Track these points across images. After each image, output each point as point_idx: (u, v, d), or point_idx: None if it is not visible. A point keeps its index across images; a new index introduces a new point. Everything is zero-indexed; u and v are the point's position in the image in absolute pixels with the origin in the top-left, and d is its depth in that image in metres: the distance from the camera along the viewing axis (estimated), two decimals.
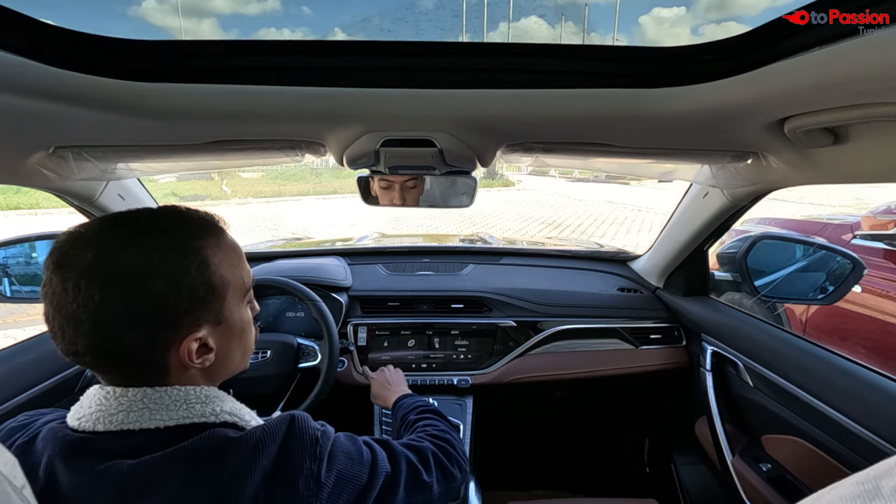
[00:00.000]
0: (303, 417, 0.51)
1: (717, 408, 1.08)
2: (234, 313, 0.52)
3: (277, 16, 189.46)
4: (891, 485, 0.18)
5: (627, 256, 1.56)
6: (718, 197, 1.02)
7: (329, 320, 1.10)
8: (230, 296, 0.51)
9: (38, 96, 0.48)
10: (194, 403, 0.48)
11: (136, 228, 0.46)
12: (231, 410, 0.50)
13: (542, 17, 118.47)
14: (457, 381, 1.20)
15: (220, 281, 0.49)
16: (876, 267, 2.07)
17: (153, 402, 0.46)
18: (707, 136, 0.65)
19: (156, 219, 0.49)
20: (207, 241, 0.49)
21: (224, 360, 0.52)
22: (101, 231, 0.46)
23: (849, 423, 0.75)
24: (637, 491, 1.55)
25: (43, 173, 0.74)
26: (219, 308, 0.49)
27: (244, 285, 0.53)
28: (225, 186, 13.36)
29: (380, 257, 1.55)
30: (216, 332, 0.50)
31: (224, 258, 0.50)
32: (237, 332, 0.53)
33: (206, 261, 0.48)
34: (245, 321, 0.54)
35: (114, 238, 0.45)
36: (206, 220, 0.51)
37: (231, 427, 0.48)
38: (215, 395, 0.50)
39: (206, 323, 0.48)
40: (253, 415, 0.54)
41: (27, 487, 0.33)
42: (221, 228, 0.53)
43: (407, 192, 0.93)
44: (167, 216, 0.50)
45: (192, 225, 0.49)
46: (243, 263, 0.54)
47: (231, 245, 0.53)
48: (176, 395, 0.47)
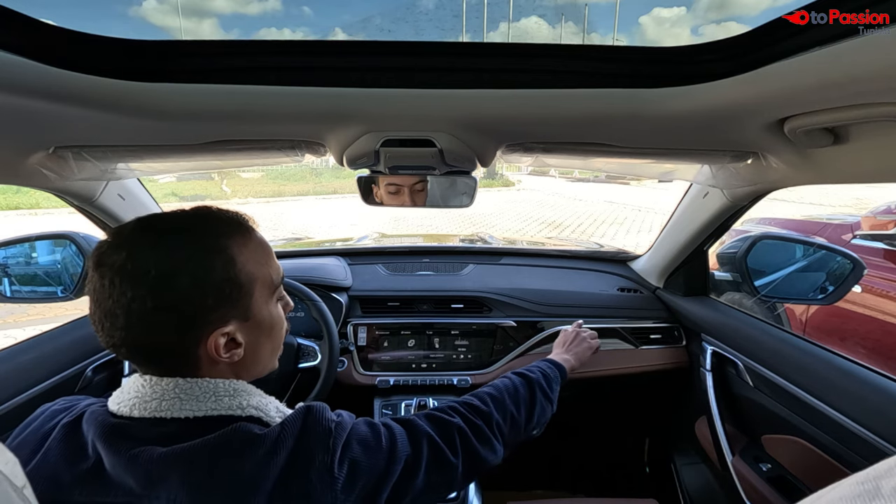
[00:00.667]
0: (320, 409, 0.52)
1: (717, 408, 1.08)
2: (262, 310, 0.53)
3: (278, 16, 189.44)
4: (891, 485, 0.18)
5: (627, 256, 1.56)
6: (718, 197, 1.02)
7: (329, 320, 1.10)
8: (258, 292, 0.52)
9: (38, 96, 0.48)
10: (223, 396, 0.50)
11: (163, 229, 0.49)
12: (258, 405, 0.51)
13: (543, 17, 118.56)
14: (457, 381, 1.20)
15: (246, 278, 0.50)
16: (876, 267, 2.07)
17: (184, 393, 0.48)
18: (707, 136, 0.65)
19: (184, 219, 0.51)
20: (234, 239, 0.51)
21: (253, 356, 0.54)
22: (134, 232, 0.49)
23: (849, 423, 0.75)
24: (637, 491, 1.55)
25: (43, 173, 0.74)
26: (246, 304, 0.51)
27: (272, 282, 0.55)
28: (225, 186, 13.36)
29: (380, 257, 1.55)
30: (244, 327, 0.51)
31: (251, 256, 0.52)
32: (266, 327, 0.54)
33: (231, 259, 0.49)
34: (274, 317, 0.56)
35: (143, 238, 0.48)
36: (233, 219, 0.53)
37: (256, 422, 0.50)
38: (243, 388, 0.52)
39: (234, 319, 0.50)
40: (281, 408, 0.55)
41: (28, 487, 0.33)
42: (249, 227, 0.54)
43: (416, 195, 0.93)
44: (195, 217, 0.52)
45: (218, 224, 0.51)
46: (271, 261, 0.56)
47: (259, 243, 0.54)
48: (205, 387, 0.49)
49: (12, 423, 0.84)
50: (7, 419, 0.82)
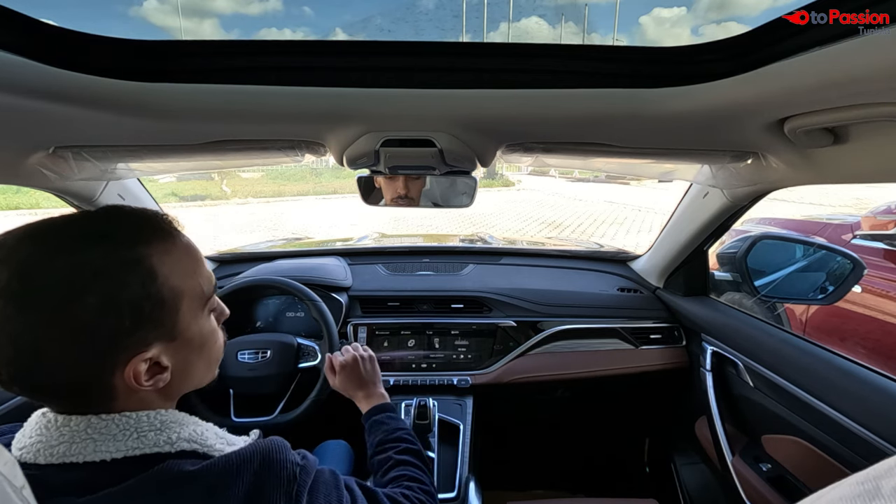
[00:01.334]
0: (279, 449, 0.45)
1: (717, 408, 1.08)
2: (191, 326, 0.46)
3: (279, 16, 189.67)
4: (891, 485, 0.18)
5: (627, 256, 1.56)
6: (718, 197, 1.02)
7: (329, 320, 1.10)
8: (185, 307, 0.45)
9: (38, 96, 0.48)
10: (146, 432, 0.42)
11: (63, 238, 0.40)
12: (190, 437, 0.44)
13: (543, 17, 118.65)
14: (457, 381, 1.20)
15: (170, 293, 0.43)
16: (876, 267, 2.07)
17: (98, 433, 0.41)
18: (707, 136, 0.65)
19: (90, 224, 0.42)
20: (154, 247, 0.43)
21: (184, 375, 0.47)
22: (24, 242, 0.39)
23: (849, 423, 0.74)
24: (637, 491, 1.55)
25: (43, 173, 0.74)
26: (172, 322, 0.44)
27: (202, 293, 0.48)
28: (225, 186, 13.36)
29: (380, 257, 1.55)
30: (171, 348, 0.44)
31: (176, 266, 0.44)
32: (196, 345, 0.47)
33: (152, 271, 0.42)
34: (206, 333, 0.49)
35: (37, 250, 0.38)
36: (153, 222, 0.45)
37: (190, 457, 0.42)
38: (172, 419, 0.44)
39: (157, 340, 0.43)
40: (223, 437, 0.47)
41: (27, 488, 0.33)
42: (173, 230, 0.47)
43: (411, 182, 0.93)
44: (104, 220, 0.43)
45: (135, 229, 0.43)
46: (201, 269, 0.48)
47: (185, 249, 0.47)
48: (125, 424, 0.42)
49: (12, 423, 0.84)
50: (7, 419, 0.82)
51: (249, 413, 1.05)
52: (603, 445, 1.64)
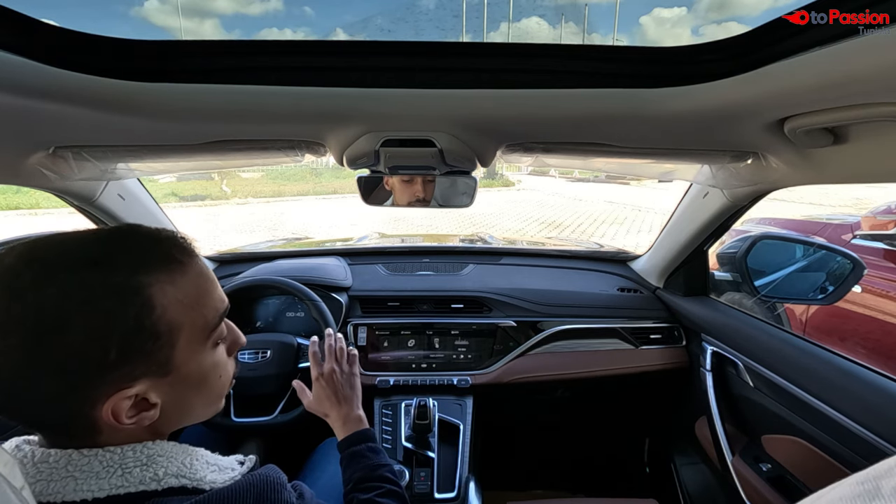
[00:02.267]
0: (275, 487, 0.43)
1: (717, 408, 1.08)
2: (189, 361, 0.42)
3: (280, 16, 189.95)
4: (891, 485, 0.18)
5: (627, 256, 1.56)
6: (718, 197, 1.02)
7: (329, 320, 1.10)
8: (183, 341, 0.41)
9: (38, 96, 0.48)
10: (132, 468, 0.39)
11: (57, 263, 0.37)
12: (178, 471, 0.41)
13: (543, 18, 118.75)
14: (457, 381, 1.20)
15: (167, 326, 0.40)
16: (876, 267, 2.07)
17: (79, 470, 0.38)
18: (707, 136, 0.65)
19: (93, 246, 0.39)
20: (156, 276, 0.40)
21: (177, 412, 0.44)
22: (16, 265, 0.37)
23: (849, 423, 0.74)
24: (637, 491, 1.55)
25: (43, 173, 0.74)
26: (165, 357, 0.40)
27: (206, 325, 0.44)
28: (225, 186, 13.36)
29: (380, 257, 1.55)
30: (162, 384, 0.41)
31: (179, 296, 0.41)
32: (194, 381, 0.44)
33: (149, 303, 0.39)
34: (206, 368, 0.45)
35: (26, 273, 0.36)
36: (164, 246, 0.42)
37: (178, 493, 0.40)
38: (159, 452, 0.41)
39: (146, 376, 0.40)
40: (214, 463, 0.45)
41: (26, 489, 0.33)
42: (182, 257, 0.43)
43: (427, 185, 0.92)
44: (107, 243, 0.40)
45: (139, 254, 0.40)
46: (207, 299, 0.44)
47: (193, 278, 0.43)
48: (108, 460, 0.39)
49: (12, 424, 0.84)
50: None
51: (249, 413, 1.05)
52: (603, 445, 1.64)
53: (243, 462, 0.48)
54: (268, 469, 0.46)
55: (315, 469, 0.96)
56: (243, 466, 0.47)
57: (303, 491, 0.48)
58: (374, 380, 1.20)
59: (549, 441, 1.62)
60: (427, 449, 1.01)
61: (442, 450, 1.02)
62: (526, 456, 1.63)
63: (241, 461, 0.48)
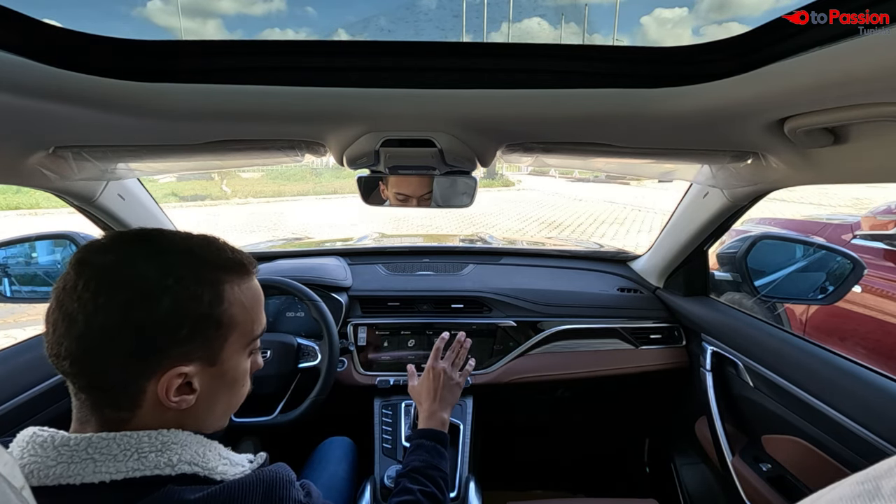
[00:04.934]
0: (284, 484, 0.45)
1: (717, 408, 1.08)
2: (231, 358, 0.48)
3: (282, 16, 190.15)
4: (891, 485, 0.18)
5: (627, 256, 1.56)
6: (718, 197, 1.02)
7: (329, 320, 1.10)
8: (233, 338, 0.48)
9: (38, 96, 0.48)
10: (147, 452, 0.41)
11: (163, 244, 0.46)
12: (191, 459, 0.43)
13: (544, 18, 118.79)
14: None
15: (228, 320, 0.46)
16: (876, 267, 2.07)
17: (98, 452, 0.40)
18: (707, 136, 0.65)
19: (188, 241, 0.48)
20: (229, 276, 0.47)
21: (205, 406, 0.48)
22: (131, 240, 0.45)
23: (849, 423, 0.74)
24: (637, 491, 1.55)
25: (43, 173, 0.74)
26: (218, 348, 0.46)
27: (252, 332, 0.50)
28: (225, 186, 13.37)
29: (380, 257, 1.55)
30: (206, 373, 0.46)
31: (241, 298, 0.48)
32: (229, 379, 0.49)
33: (220, 295, 0.46)
34: (240, 371, 0.50)
35: (138, 248, 0.44)
36: (235, 257, 0.49)
37: (190, 481, 0.42)
38: (174, 440, 0.44)
39: (199, 360, 0.45)
40: (226, 457, 0.47)
41: (26, 488, 0.33)
42: (250, 270, 0.51)
43: (418, 195, 0.93)
44: (199, 242, 0.48)
45: (220, 257, 0.48)
46: (259, 309, 0.51)
47: (253, 289, 0.50)
48: (126, 444, 0.41)
49: (12, 423, 0.84)
50: (7, 419, 0.82)
51: (249, 413, 1.05)
52: (603, 445, 1.64)
53: (253, 461, 0.50)
54: (278, 466, 0.48)
55: (315, 469, 0.96)
56: (253, 463, 0.49)
57: (311, 489, 0.50)
58: (374, 380, 1.20)
59: (549, 441, 1.62)
60: None
61: None
62: (526, 456, 1.63)
63: (251, 459, 0.50)
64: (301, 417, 1.02)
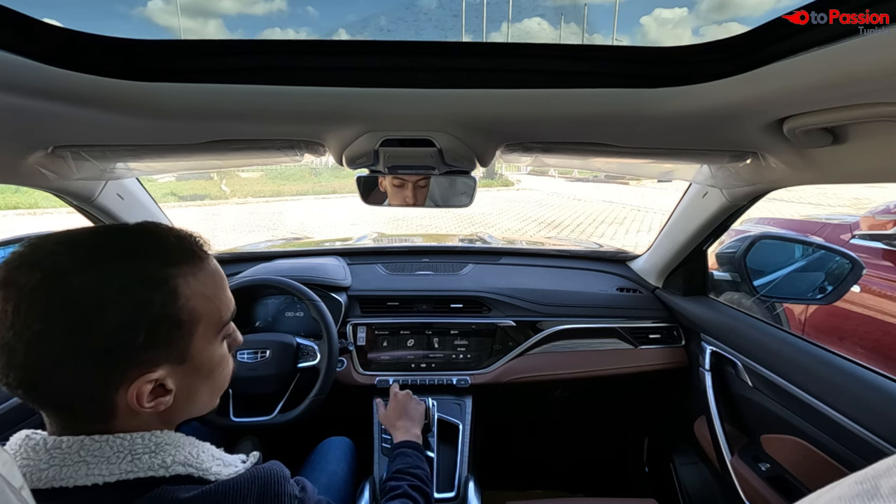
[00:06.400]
0: (278, 480, 0.45)
1: (716, 408, 1.08)
2: (202, 351, 0.46)
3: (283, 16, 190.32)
4: (889, 484, 0.18)
5: (626, 256, 1.56)
6: (717, 197, 1.03)
7: (328, 320, 1.10)
8: (200, 332, 0.45)
9: (38, 96, 0.48)
10: (141, 454, 0.41)
11: (96, 250, 0.40)
12: (185, 460, 0.43)
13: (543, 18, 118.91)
14: (456, 380, 1.20)
15: (189, 315, 0.43)
16: (875, 267, 2.08)
17: (91, 455, 0.39)
18: (706, 136, 0.65)
19: (125, 239, 0.43)
20: (181, 268, 0.43)
21: (187, 401, 0.46)
22: (57, 250, 0.39)
23: (848, 423, 0.75)
24: (636, 491, 1.55)
25: (42, 173, 0.74)
26: (184, 346, 0.44)
27: (220, 319, 0.47)
28: (224, 186, 13.35)
29: (379, 257, 1.55)
30: (178, 371, 0.44)
31: (199, 289, 0.44)
32: (205, 371, 0.47)
33: (174, 291, 0.42)
34: (216, 360, 0.48)
35: (69, 259, 0.39)
36: (184, 243, 0.45)
37: (185, 482, 0.42)
38: (168, 441, 0.43)
39: (166, 362, 0.42)
40: (220, 458, 0.47)
41: (25, 488, 0.33)
42: (203, 253, 0.47)
43: (419, 190, 0.93)
44: (137, 237, 0.44)
45: (165, 249, 0.44)
46: (223, 294, 0.48)
47: (210, 273, 0.46)
48: (119, 446, 0.40)
49: (12, 423, 0.84)
50: (7, 419, 0.82)
51: (248, 413, 1.05)
52: (602, 445, 1.64)
53: (245, 460, 0.49)
54: (271, 464, 0.47)
55: (315, 469, 0.96)
56: (247, 463, 0.49)
57: (305, 485, 0.50)
58: (373, 379, 1.20)
59: (549, 441, 1.63)
60: (426, 449, 1.01)
61: (441, 449, 1.03)
62: (525, 455, 1.63)
63: (244, 459, 0.49)
64: (300, 417, 1.02)
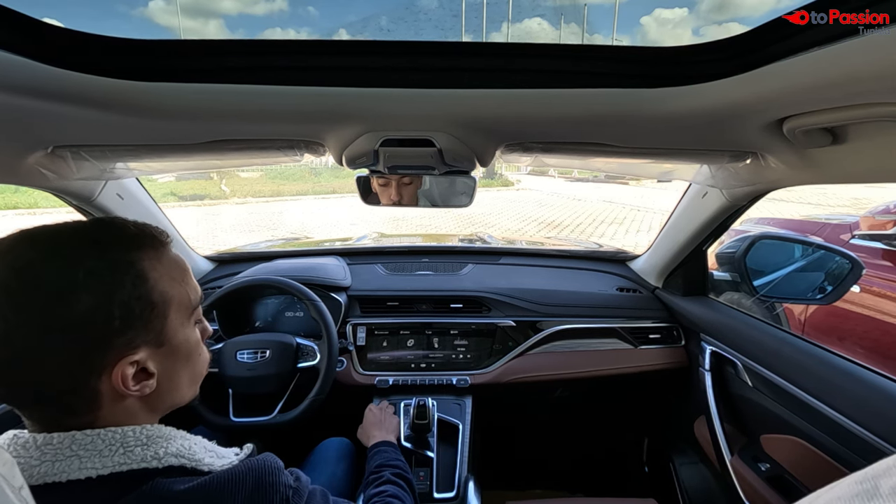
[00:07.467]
0: (272, 471, 0.45)
1: (715, 407, 1.08)
2: (178, 334, 0.47)
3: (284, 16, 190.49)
4: (889, 484, 0.18)
5: (626, 256, 1.56)
6: (717, 197, 1.03)
7: (328, 320, 1.10)
8: (173, 314, 0.46)
9: (38, 96, 0.48)
10: (133, 447, 0.41)
11: (58, 241, 0.41)
12: (178, 451, 0.43)
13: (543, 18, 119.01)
14: (456, 380, 1.20)
15: (160, 297, 0.44)
16: (874, 267, 2.08)
17: (83, 449, 0.40)
18: (706, 136, 0.65)
19: (84, 231, 0.44)
20: (145, 253, 0.44)
21: (168, 386, 0.47)
22: (20, 243, 0.40)
23: (847, 423, 0.75)
24: (636, 491, 1.55)
25: (42, 173, 0.73)
26: (160, 327, 0.44)
27: (190, 303, 0.48)
28: (224, 186, 13.34)
29: (379, 257, 1.55)
30: (158, 354, 0.45)
31: (165, 272, 0.45)
32: (183, 354, 0.48)
33: (142, 274, 0.43)
34: (192, 343, 0.49)
35: (33, 251, 0.40)
36: (143, 232, 0.46)
37: (179, 473, 0.42)
38: (158, 434, 0.44)
39: (145, 344, 0.43)
40: (213, 450, 0.47)
41: (25, 488, 0.33)
42: (163, 241, 0.48)
43: (403, 188, 0.93)
44: (97, 228, 0.45)
45: (127, 236, 0.45)
46: (188, 279, 0.49)
47: (174, 259, 0.48)
48: (110, 439, 0.41)
49: (11, 424, 0.84)
50: (6, 419, 0.82)
51: (248, 413, 1.05)
52: (602, 445, 1.64)
53: (239, 453, 0.50)
54: (265, 455, 0.48)
55: (314, 469, 0.96)
56: (240, 455, 0.49)
57: (299, 475, 0.50)
58: (373, 379, 1.20)
59: (548, 441, 1.63)
60: (426, 448, 1.01)
61: (441, 449, 1.02)
62: (525, 455, 1.63)
63: (237, 452, 0.50)
64: (300, 417, 1.02)
